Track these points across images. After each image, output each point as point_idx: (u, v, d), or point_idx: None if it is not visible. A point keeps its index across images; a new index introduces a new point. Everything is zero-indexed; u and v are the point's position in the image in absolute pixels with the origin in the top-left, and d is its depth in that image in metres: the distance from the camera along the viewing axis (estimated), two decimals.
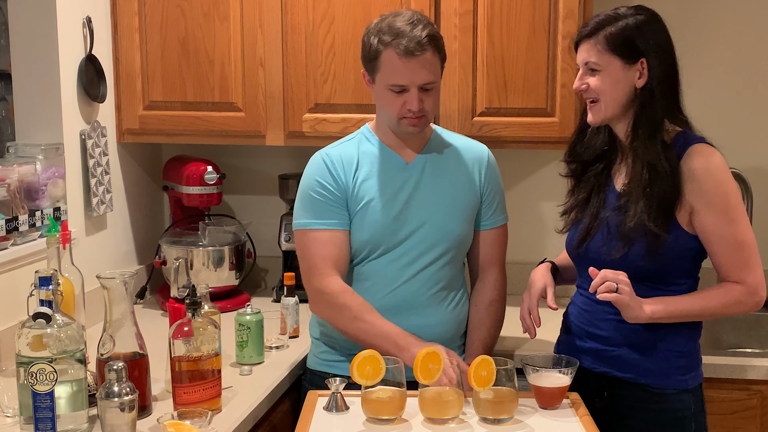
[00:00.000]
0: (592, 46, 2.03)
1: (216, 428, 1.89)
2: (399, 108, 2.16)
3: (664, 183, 1.98)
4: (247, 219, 3.07)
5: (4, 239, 2.28)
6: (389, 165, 2.25)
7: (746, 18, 2.95)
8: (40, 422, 1.77)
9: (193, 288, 2.04)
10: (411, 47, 2.10)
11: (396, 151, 2.26)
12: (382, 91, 2.18)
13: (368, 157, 2.25)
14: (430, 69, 2.14)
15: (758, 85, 2.97)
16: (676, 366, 2.06)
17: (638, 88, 2.02)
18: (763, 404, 2.41)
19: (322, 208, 2.22)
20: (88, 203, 2.68)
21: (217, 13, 2.77)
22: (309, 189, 2.24)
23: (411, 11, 2.20)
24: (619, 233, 2.02)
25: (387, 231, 2.21)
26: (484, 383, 1.90)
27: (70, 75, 2.59)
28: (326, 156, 2.26)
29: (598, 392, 2.12)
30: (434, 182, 2.25)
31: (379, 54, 2.14)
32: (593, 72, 2.03)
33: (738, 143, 2.96)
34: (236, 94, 2.79)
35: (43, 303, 1.82)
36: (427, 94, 2.16)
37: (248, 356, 2.35)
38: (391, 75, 2.14)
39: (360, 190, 2.22)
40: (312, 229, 2.22)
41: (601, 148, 2.14)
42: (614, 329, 2.08)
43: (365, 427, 1.90)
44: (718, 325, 2.85)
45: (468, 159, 2.31)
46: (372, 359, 1.93)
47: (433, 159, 2.27)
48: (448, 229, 2.24)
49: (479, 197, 2.30)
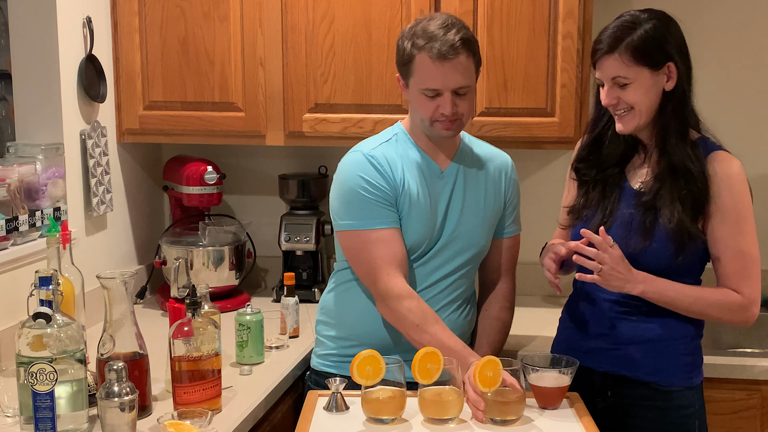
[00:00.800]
0: (616, 60, 1.99)
1: (216, 428, 1.89)
2: (432, 111, 2.13)
3: (697, 184, 1.99)
4: (247, 219, 3.07)
5: (4, 239, 2.28)
6: (427, 172, 2.21)
7: (745, 17, 2.95)
8: (40, 422, 1.77)
9: (193, 288, 2.04)
10: (444, 51, 2.07)
11: (430, 156, 2.23)
12: (415, 95, 2.15)
13: (409, 162, 2.21)
14: (464, 73, 2.10)
15: (758, 86, 2.96)
16: (682, 364, 2.07)
17: (667, 91, 2.02)
18: (763, 404, 2.41)
19: (374, 206, 2.15)
20: (88, 203, 2.68)
21: (217, 13, 2.77)
22: (356, 187, 2.16)
23: (446, 14, 2.17)
24: (642, 230, 2.02)
25: (424, 239, 2.19)
26: (490, 384, 1.89)
27: (70, 75, 2.59)
28: (370, 155, 2.18)
29: (602, 392, 2.12)
30: (466, 192, 2.24)
31: (412, 58, 2.11)
32: (623, 86, 2.00)
33: (738, 143, 2.95)
34: (236, 94, 2.79)
35: (43, 303, 1.82)
36: (462, 98, 2.12)
37: (248, 356, 2.35)
38: (425, 79, 2.10)
39: (404, 194, 2.18)
40: (367, 229, 2.15)
41: (621, 152, 2.13)
42: (622, 328, 2.08)
43: (365, 427, 1.90)
44: (719, 325, 2.84)
45: (494, 168, 2.30)
46: (372, 359, 1.92)
47: (465, 168, 2.25)
48: (475, 239, 2.24)
49: (503, 206, 2.30)
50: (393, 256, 2.14)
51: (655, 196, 2.03)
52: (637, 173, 2.11)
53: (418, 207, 2.18)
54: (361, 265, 2.19)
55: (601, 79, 2.04)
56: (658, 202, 2.02)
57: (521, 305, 2.40)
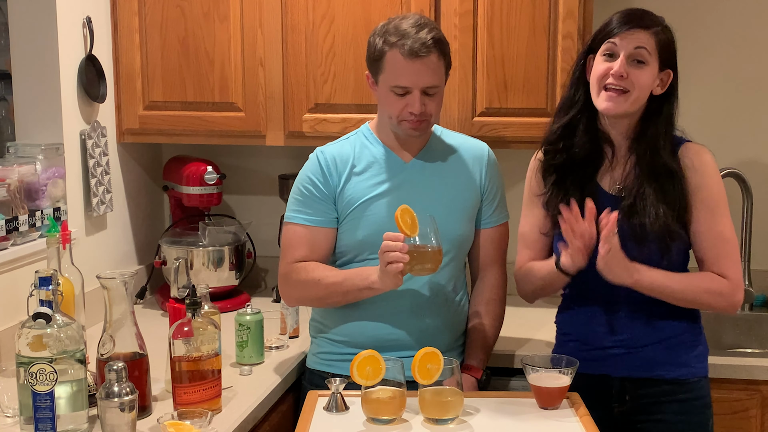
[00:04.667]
0: (646, 36, 2.00)
1: (216, 428, 1.89)
2: (400, 110, 2.15)
3: (681, 182, 2.03)
4: (247, 219, 3.07)
5: (4, 239, 2.28)
6: (387, 165, 2.24)
7: (745, 17, 2.94)
8: (40, 422, 1.77)
9: (193, 288, 2.04)
10: (416, 48, 2.09)
11: (395, 152, 2.26)
12: (384, 92, 2.17)
13: (365, 157, 2.25)
14: (435, 72, 2.13)
15: (758, 85, 2.96)
16: (697, 354, 2.11)
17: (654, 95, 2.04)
18: (763, 404, 2.41)
19: (307, 203, 2.24)
20: (88, 203, 2.68)
21: (217, 13, 2.77)
22: (299, 183, 2.27)
23: (418, 15, 2.20)
24: (634, 235, 2.01)
25: (383, 231, 2.19)
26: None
27: (70, 75, 2.59)
28: (321, 154, 2.27)
29: (620, 397, 2.12)
30: (433, 182, 2.24)
31: (383, 54, 2.14)
32: (639, 63, 2.00)
33: (737, 143, 2.96)
34: (236, 94, 2.79)
35: (43, 303, 1.82)
36: (431, 98, 2.15)
37: (248, 356, 2.35)
38: (395, 76, 2.13)
39: (353, 190, 2.22)
40: (294, 222, 2.25)
41: (588, 151, 2.11)
42: (633, 330, 2.09)
43: (365, 427, 1.90)
44: (718, 325, 2.85)
45: (468, 158, 2.30)
46: (372, 359, 1.92)
47: (433, 159, 2.27)
48: (448, 229, 2.23)
49: (480, 196, 2.29)
50: (300, 251, 2.22)
51: (636, 199, 2.03)
52: (608, 176, 2.11)
53: (372, 199, 2.21)
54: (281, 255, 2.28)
55: (619, 49, 2.01)
56: (640, 205, 2.02)
57: (519, 305, 2.39)
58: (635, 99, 2.02)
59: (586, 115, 2.10)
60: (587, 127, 2.10)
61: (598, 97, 2.04)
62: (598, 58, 2.05)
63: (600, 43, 2.05)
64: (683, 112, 2.12)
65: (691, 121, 2.16)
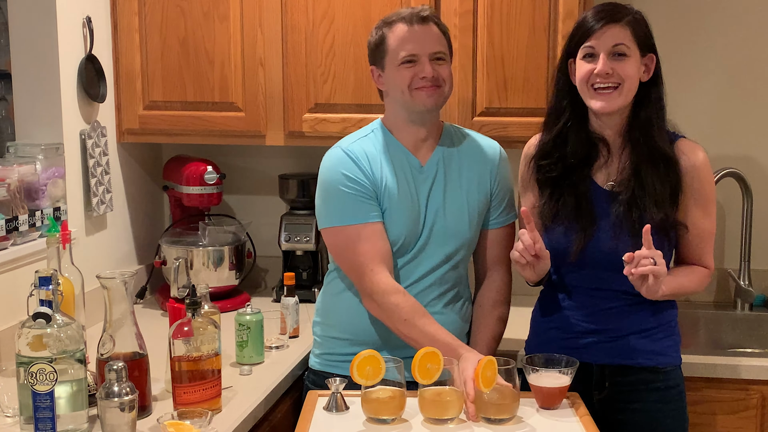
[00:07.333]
0: (622, 29, 2.01)
1: (216, 428, 1.89)
2: (411, 78, 2.14)
3: (677, 172, 2.05)
4: (247, 219, 3.07)
5: (4, 239, 2.28)
6: (406, 167, 2.22)
7: (745, 17, 2.94)
8: (40, 422, 1.77)
9: (193, 288, 2.04)
10: (415, 14, 2.15)
11: (411, 151, 2.23)
12: (393, 72, 2.16)
13: (388, 156, 2.21)
14: (438, 41, 2.17)
15: (757, 84, 2.96)
16: (674, 343, 2.15)
17: (642, 82, 2.05)
18: (763, 404, 2.40)
19: (355, 202, 2.15)
20: (88, 203, 2.69)
21: (217, 13, 2.77)
22: (337, 184, 2.16)
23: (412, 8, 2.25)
24: (632, 230, 2.02)
25: (405, 233, 2.19)
26: (488, 384, 1.89)
27: (70, 75, 2.59)
28: (349, 150, 2.20)
29: (599, 384, 2.13)
30: (447, 185, 2.23)
31: (384, 37, 2.17)
32: (621, 57, 2.01)
33: (737, 143, 2.96)
34: (236, 94, 2.79)
35: (43, 303, 1.82)
36: (440, 65, 2.16)
37: (248, 356, 2.35)
38: (400, 47, 2.14)
39: (384, 189, 2.18)
40: (350, 225, 2.15)
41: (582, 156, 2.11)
42: (615, 320, 2.11)
43: (365, 427, 1.90)
44: (719, 325, 2.85)
45: (480, 159, 2.28)
46: (372, 359, 1.92)
47: (446, 161, 2.24)
48: (458, 231, 2.23)
49: (489, 198, 2.29)
50: (377, 251, 2.14)
51: (633, 193, 2.04)
52: (603, 173, 2.12)
53: (399, 201, 2.18)
54: (346, 262, 2.19)
55: (598, 49, 2.02)
56: (638, 198, 2.04)
57: (520, 306, 2.39)
58: (627, 91, 2.03)
59: (577, 121, 2.11)
60: (579, 132, 2.11)
61: (591, 99, 2.05)
62: (579, 62, 2.06)
63: (577, 47, 2.06)
64: (684, 111, 2.12)
65: (692, 121, 2.17)
